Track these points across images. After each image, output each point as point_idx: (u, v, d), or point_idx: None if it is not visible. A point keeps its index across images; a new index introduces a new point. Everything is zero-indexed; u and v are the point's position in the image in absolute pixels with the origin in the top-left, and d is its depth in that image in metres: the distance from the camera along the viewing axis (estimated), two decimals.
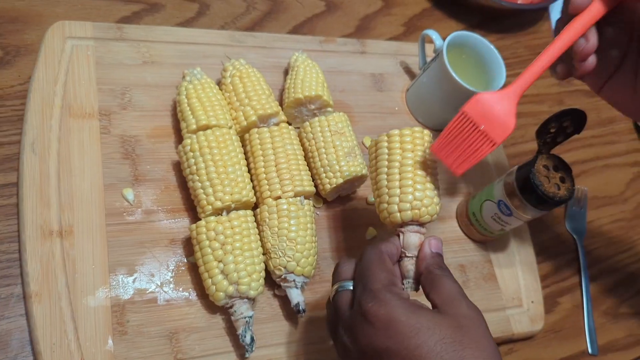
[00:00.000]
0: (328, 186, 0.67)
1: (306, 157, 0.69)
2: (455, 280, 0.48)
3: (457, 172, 0.53)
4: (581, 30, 0.50)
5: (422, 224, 0.54)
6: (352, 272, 0.51)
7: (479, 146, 0.52)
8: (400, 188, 0.54)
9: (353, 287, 0.49)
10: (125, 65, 0.69)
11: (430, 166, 0.55)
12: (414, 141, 0.55)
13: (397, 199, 0.54)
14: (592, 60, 0.53)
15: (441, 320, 0.43)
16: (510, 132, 0.52)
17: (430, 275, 0.48)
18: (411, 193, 0.53)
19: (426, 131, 0.56)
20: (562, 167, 0.65)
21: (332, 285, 0.52)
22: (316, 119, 0.69)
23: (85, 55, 0.67)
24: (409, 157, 0.55)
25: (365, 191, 0.73)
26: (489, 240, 0.76)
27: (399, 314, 0.43)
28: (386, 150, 0.56)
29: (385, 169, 0.55)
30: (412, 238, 0.53)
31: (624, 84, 0.55)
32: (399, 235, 0.54)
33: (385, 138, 0.56)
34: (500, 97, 0.52)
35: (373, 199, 0.72)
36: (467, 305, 0.46)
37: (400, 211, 0.53)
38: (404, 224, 0.54)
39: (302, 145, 0.69)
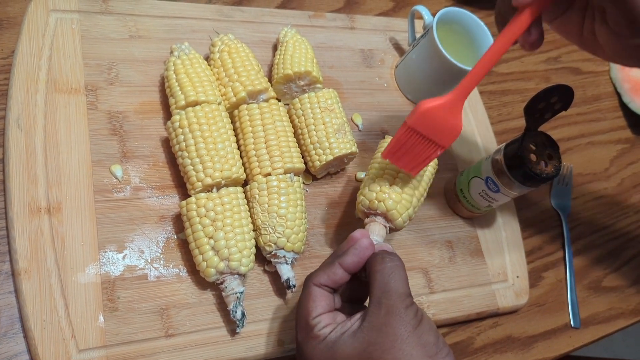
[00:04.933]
0: (318, 163, 0.67)
1: (295, 134, 0.68)
2: (391, 273, 0.49)
3: (412, 174, 0.58)
4: (522, 29, 0.49)
5: (387, 220, 0.59)
6: None
7: (428, 152, 0.55)
8: (376, 182, 0.60)
9: None
10: (112, 40, 0.67)
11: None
12: None
13: (373, 190, 0.60)
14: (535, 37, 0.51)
15: (355, 346, 0.46)
16: (457, 135, 0.54)
17: (370, 269, 0.50)
18: (387, 189, 0.59)
19: None
20: (550, 144, 0.66)
21: None
22: (306, 95, 0.68)
23: (70, 28, 0.66)
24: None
25: (354, 168, 0.73)
26: (475, 216, 0.77)
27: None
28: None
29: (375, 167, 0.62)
30: (376, 226, 0.58)
31: (572, 23, 0.54)
32: (364, 226, 0.59)
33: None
34: (446, 105, 0.52)
35: (362, 176, 0.73)
36: (386, 310, 0.47)
37: (377, 200, 0.59)
38: (370, 213, 0.60)
39: (292, 122, 0.69)
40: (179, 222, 0.62)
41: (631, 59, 0.50)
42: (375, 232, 0.58)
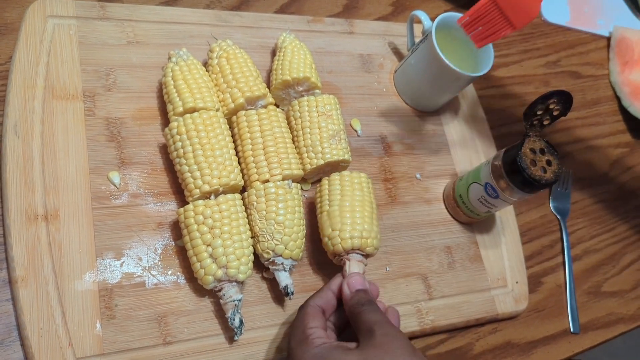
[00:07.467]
0: (308, 166, 0.66)
1: (292, 136, 0.68)
2: (375, 310, 0.52)
3: (477, 45, 0.64)
4: None
5: (365, 255, 0.61)
6: None
7: (500, 27, 0.60)
8: (350, 219, 0.61)
9: None
10: (109, 45, 0.67)
11: (373, 206, 0.63)
12: (352, 181, 0.63)
13: (348, 228, 0.60)
14: None
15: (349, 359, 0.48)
16: (532, 19, 0.58)
17: (352, 316, 0.53)
18: (360, 224, 0.60)
19: (363, 174, 0.64)
20: (549, 150, 0.65)
21: None
22: (305, 98, 0.68)
23: (67, 34, 0.65)
24: (357, 195, 0.62)
25: None
26: (475, 222, 0.77)
27: None
28: (337, 188, 0.64)
29: (336, 203, 0.62)
30: (354, 267, 0.59)
31: None
32: (344, 264, 0.59)
33: (327, 180, 0.64)
34: None
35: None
36: (381, 333, 0.49)
37: (350, 239, 0.60)
38: (347, 252, 0.60)
39: (289, 123, 0.68)
40: (177, 229, 0.61)
41: None
42: (354, 269, 0.60)
